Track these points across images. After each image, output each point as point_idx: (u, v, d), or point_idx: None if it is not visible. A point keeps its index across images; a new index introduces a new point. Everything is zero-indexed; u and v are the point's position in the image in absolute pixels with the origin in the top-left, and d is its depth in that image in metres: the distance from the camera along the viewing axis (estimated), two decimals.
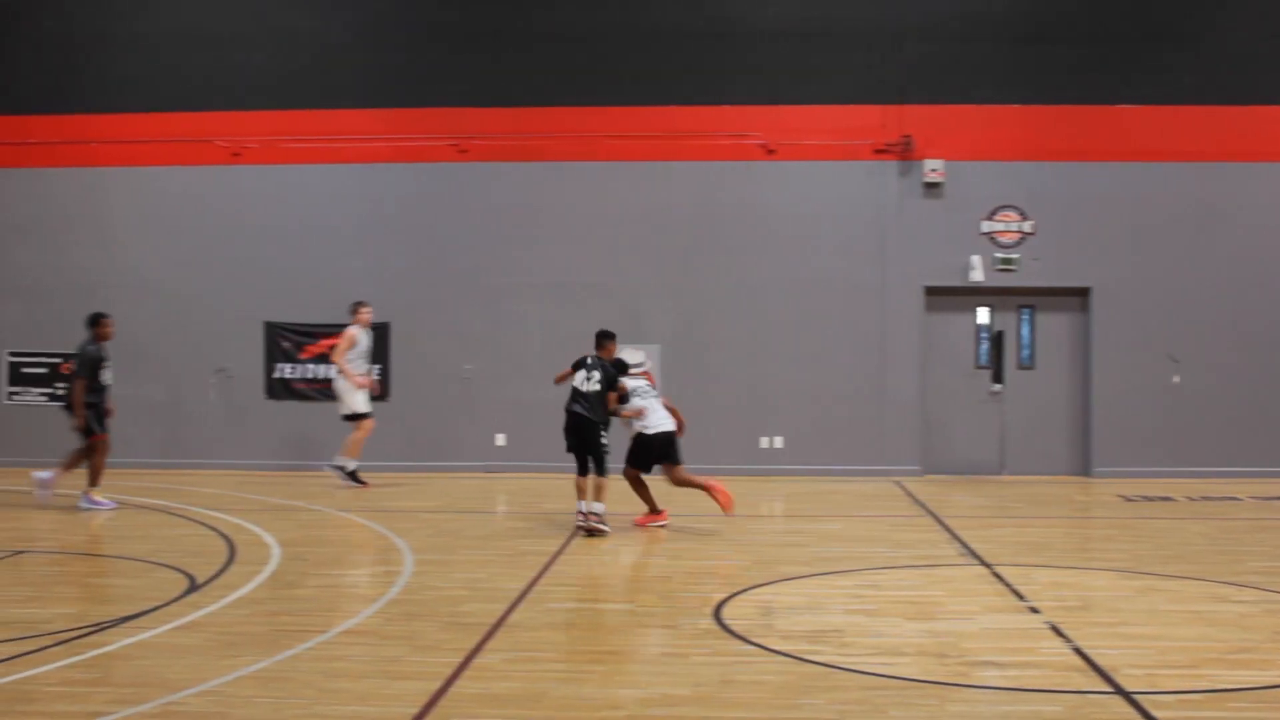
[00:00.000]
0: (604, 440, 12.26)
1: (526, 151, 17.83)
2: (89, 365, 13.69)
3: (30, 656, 7.51)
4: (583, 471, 12.27)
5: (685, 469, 12.74)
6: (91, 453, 13.82)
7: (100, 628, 8.25)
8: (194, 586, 9.67)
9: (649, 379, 12.91)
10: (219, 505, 14.10)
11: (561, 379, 12.63)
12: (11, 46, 18.56)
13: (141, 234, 18.39)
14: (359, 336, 15.96)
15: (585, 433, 12.19)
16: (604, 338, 12.66)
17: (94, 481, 13.77)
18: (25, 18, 18.53)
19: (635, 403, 12.45)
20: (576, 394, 12.23)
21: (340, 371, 15.84)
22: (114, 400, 14.14)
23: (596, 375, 12.21)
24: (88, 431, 13.71)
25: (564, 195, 17.82)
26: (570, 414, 12.23)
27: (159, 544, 12.14)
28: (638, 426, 12.49)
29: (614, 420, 12.51)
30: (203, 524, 13.02)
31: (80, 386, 13.61)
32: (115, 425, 14.18)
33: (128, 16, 18.42)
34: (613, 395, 12.30)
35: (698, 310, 17.72)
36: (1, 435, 18.52)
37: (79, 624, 8.36)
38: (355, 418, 15.89)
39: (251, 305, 18.07)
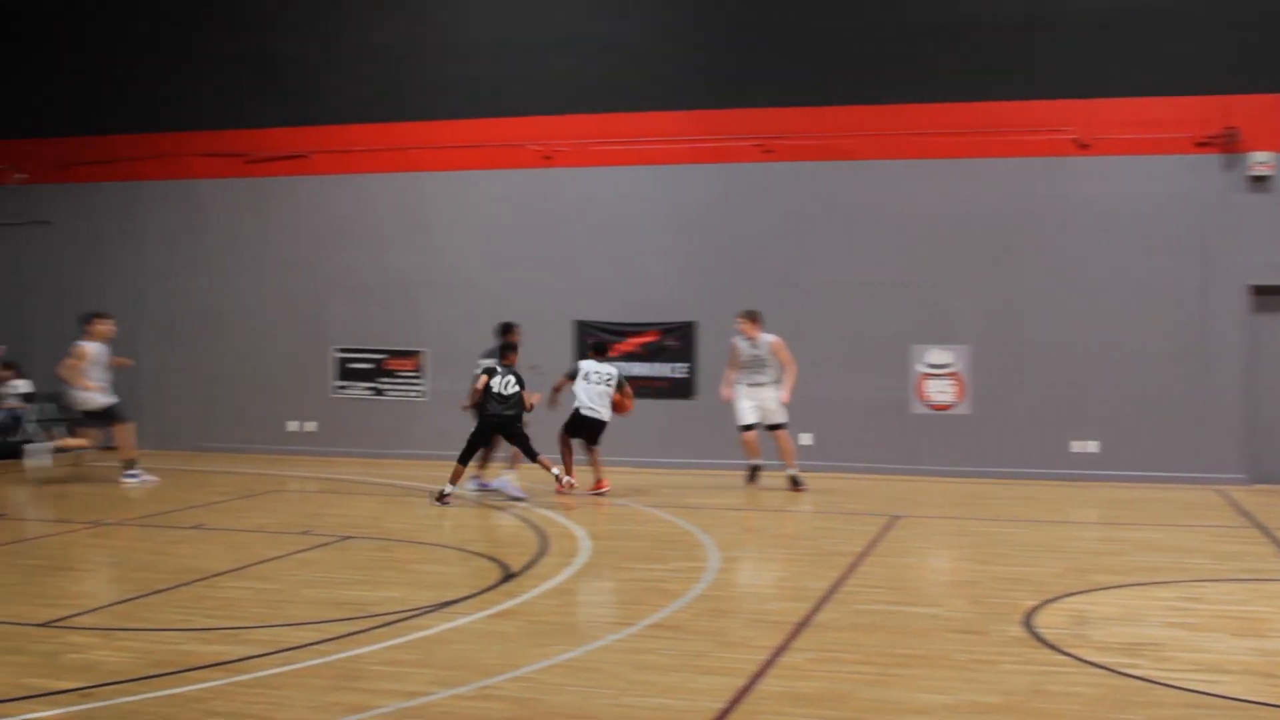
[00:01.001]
0: (521, 427, 14.62)
1: (831, 150, 17.72)
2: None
3: (358, 636, 7.93)
4: (465, 460, 14.61)
5: (600, 452, 15.39)
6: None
7: (421, 612, 8.63)
8: (508, 575, 10.01)
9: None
10: (531, 497, 14.54)
11: (477, 394, 14.60)
12: (335, 59, 19.58)
13: (458, 236, 19.14)
14: (741, 347, 15.92)
15: (509, 427, 14.50)
16: (507, 349, 14.92)
17: (510, 465, 15.07)
18: (349, 32, 19.52)
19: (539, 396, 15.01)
20: (499, 398, 14.42)
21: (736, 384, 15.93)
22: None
23: (511, 380, 14.52)
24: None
25: (869, 194, 17.63)
26: (496, 415, 14.41)
27: (475, 534, 12.65)
28: (586, 412, 15.17)
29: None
30: (516, 515, 13.47)
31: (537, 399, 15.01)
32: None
33: (444, 28, 19.18)
34: (533, 396, 14.77)
35: (1007, 310, 17.25)
36: (329, 426, 19.62)
37: (402, 607, 8.77)
38: (749, 428, 15.84)
39: (562, 304, 18.55)
